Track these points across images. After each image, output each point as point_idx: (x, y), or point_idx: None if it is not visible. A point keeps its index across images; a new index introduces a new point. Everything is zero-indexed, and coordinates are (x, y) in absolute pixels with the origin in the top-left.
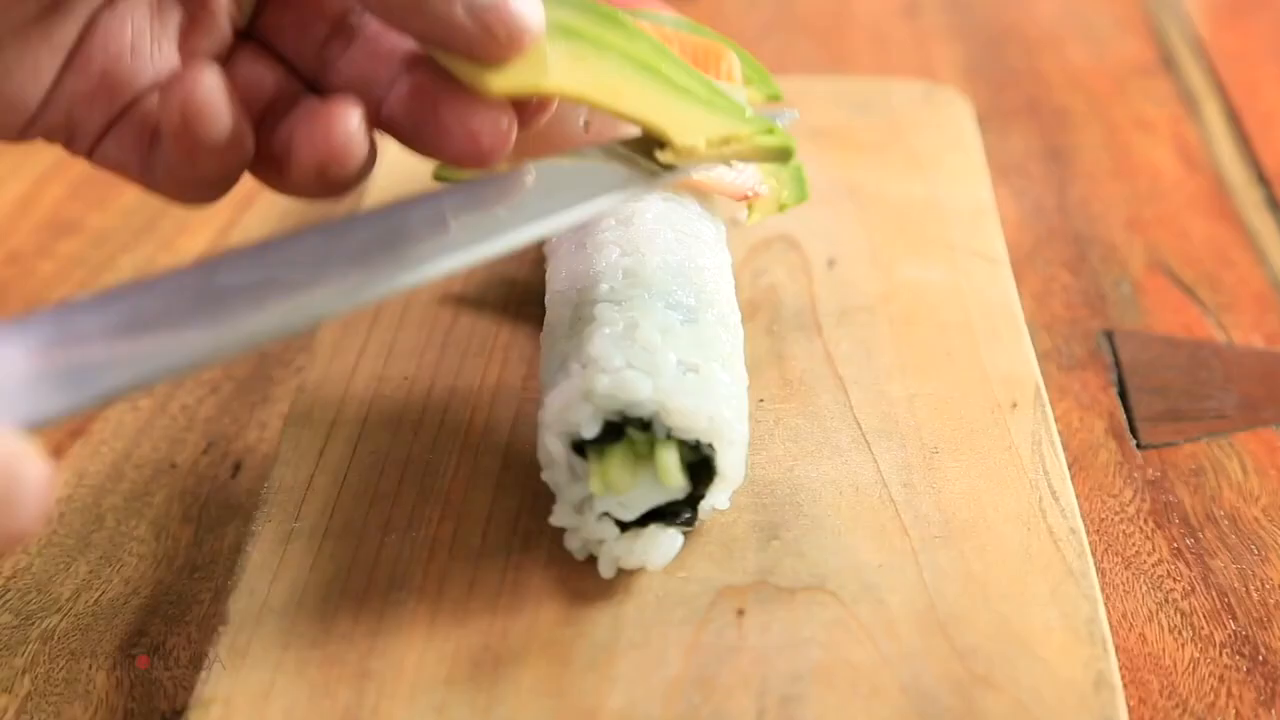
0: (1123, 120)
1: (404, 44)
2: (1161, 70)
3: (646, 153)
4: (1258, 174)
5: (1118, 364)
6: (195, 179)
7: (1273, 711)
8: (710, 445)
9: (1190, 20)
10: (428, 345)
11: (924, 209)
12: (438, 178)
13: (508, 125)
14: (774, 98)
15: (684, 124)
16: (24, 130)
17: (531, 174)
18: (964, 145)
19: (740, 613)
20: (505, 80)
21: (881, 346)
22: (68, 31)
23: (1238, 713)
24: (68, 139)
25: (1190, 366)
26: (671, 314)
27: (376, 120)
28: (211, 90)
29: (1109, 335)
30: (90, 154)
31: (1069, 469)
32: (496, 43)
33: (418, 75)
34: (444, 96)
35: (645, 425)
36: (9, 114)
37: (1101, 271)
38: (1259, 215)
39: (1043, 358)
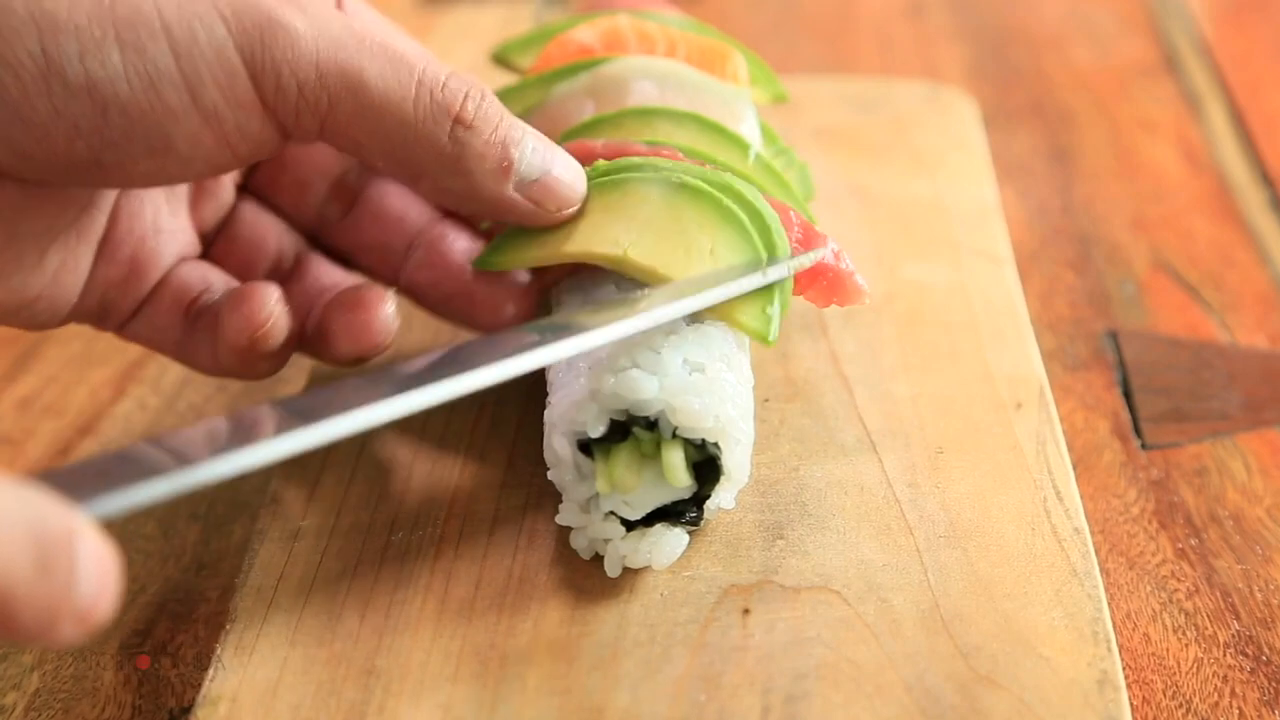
0: (1127, 121)
1: (412, 211)
2: (1165, 71)
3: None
4: (1261, 174)
5: (1122, 364)
6: (245, 375)
7: (1276, 711)
8: (716, 445)
9: (1194, 21)
10: (435, 344)
11: (929, 209)
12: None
13: (533, 291)
14: (779, 98)
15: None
16: (63, 321)
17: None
18: (968, 145)
19: (746, 611)
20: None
21: (886, 346)
22: (97, 223)
23: (1241, 712)
24: (99, 320)
25: (1194, 367)
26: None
27: (395, 285)
28: (275, 313)
29: (1113, 335)
30: (120, 331)
31: (1073, 469)
32: (547, 215)
33: (441, 249)
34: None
35: (651, 425)
36: (52, 311)
37: (1106, 272)
38: (1263, 216)
39: (1047, 358)
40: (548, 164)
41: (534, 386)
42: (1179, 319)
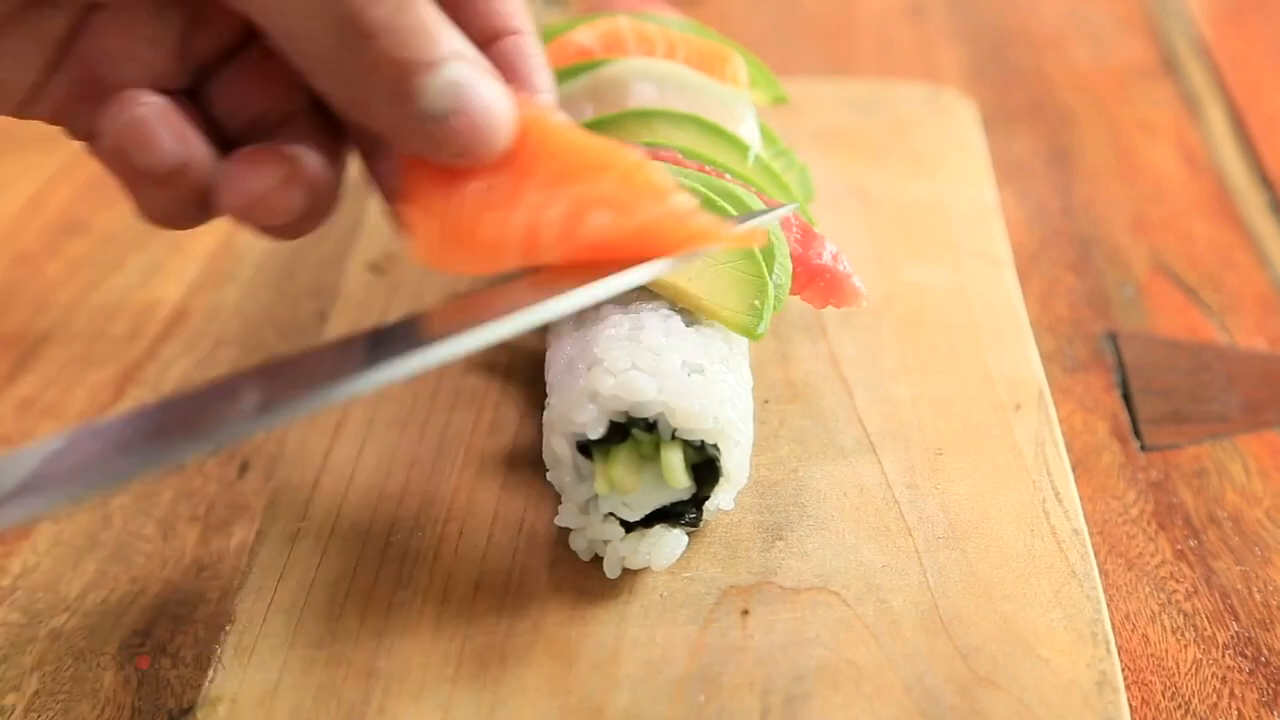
0: (1126, 122)
1: None
2: (1165, 72)
3: None
4: (1261, 176)
5: (1121, 366)
6: (148, 210)
7: (1275, 712)
8: (715, 446)
9: (1193, 22)
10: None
11: (928, 211)
12: None
13: None
14: (779, 100)
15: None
16: (16, 113)
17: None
18: (968, 147)
19: (745, 613)
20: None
21: (886, 348)
22: (54, 28)
23: (1240, 713)
24: (67, 130)
25: (1193, 369)
26: (676, 316)
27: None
28: (140, 116)
29: (1112, 337)
30: (86, 145)
31: (1072, 471)
32: (446, 156)
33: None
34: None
35: (650, 426)
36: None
37: (1105, 273)
38: (1262, 218)
39: (1046, 360)
40: (461, 102)
41: (534, 386)
42: (1178, 321)
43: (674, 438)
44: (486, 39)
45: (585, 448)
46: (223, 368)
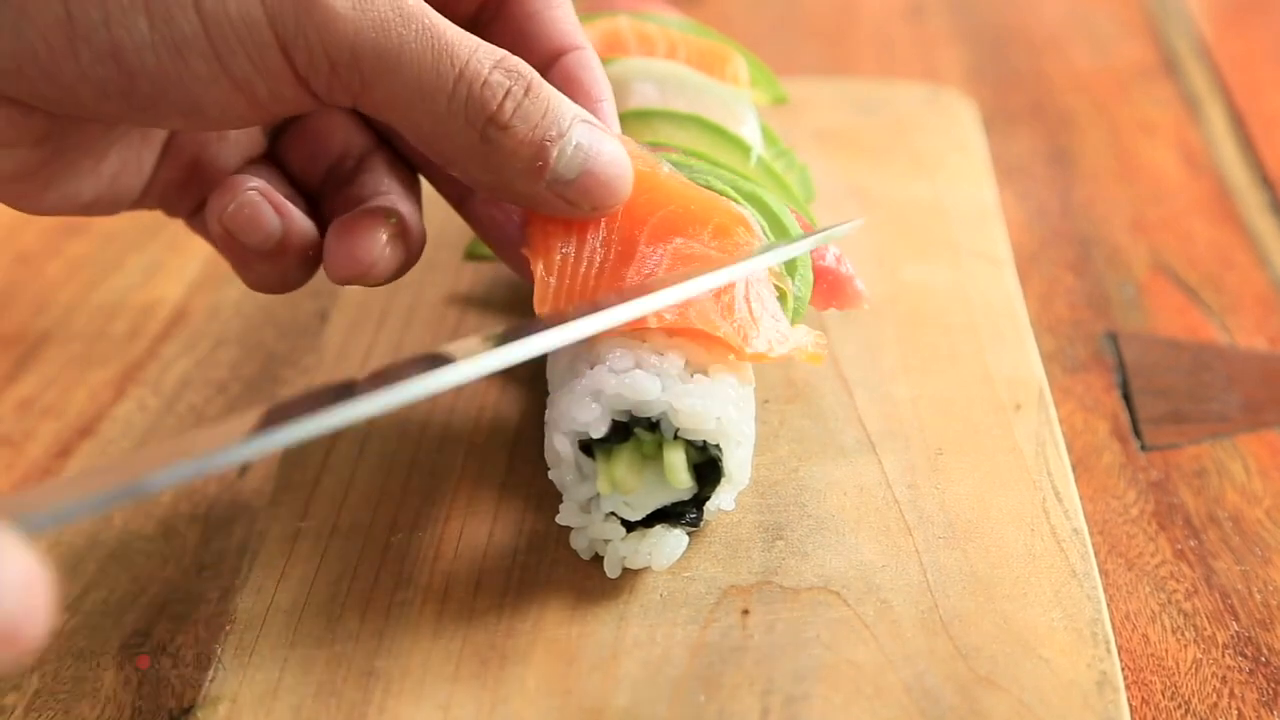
0: (1126, 123)
1: None
2: (1165, 73)
3: None
4: (1261, 176)
5: (1121, 366)
6: (259, 284)
7: (1275, 712)
8: (717, 446)
9: (1193, 23)
10: (435, 345)
11: (928, 211)
12: (469, 256)
13: None
14: (779, 99)
15: None
16: (124, 210)
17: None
18: (968, 147)
19: (745, 612)
20: None
21: (886, 348)
22: (161, 131)
23: (1240, 713)
24: (167, 211)
25: (1193, 369)
26: None
27: (460, 204)
28: (245, 202)
29: (1113, 337)
30: (187, 221)
31: (1072, 470)
32: (581, 214)
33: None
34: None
35: (653, 426)
36: (111, 208)
37: (1105, 274)
38: (1262, 218)
39: (1047, 359)
40: (589, 163)
41: (535, 386)
42: (1178, 321)
43: (676, 437)
44: (551, 57)
45: (587, 447)
46: (223, 368)
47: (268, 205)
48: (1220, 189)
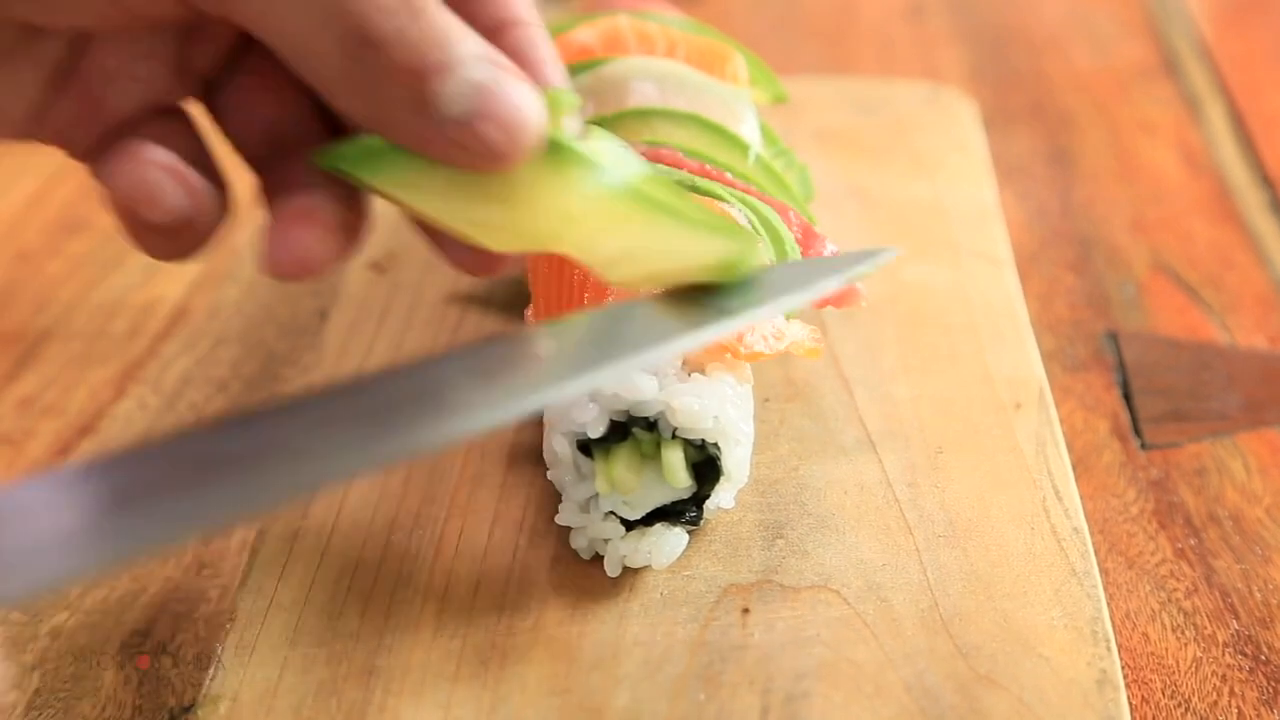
0: (1126, 123)
1: None
2: (1165, 73)
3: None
4: (1261, 176)
5: (1121, 365)
6: (150, 251)
7: (1275, 711)
8: (715, 445)
9: (1194, 23)
10: (434, 344)
11: (928, 210)
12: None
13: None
14: (779, 99)
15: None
16: (17, 138)
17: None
18: (968, 147)
19: (745, 611)
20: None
21: (886, 347)
22: (51, 51)
23: (1240, 712)
24: (68, 151)
25: (1193, 368)
26: None
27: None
28: (154, 179)
29: (1113, 336)
30: (89, 166)
31: (1073, 469)
32: (472, 164)
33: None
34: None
35: (651, 425)
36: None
37: (1105, 273)
38: (1262, 217)
39: (1047, 359)
40: (485, 104)
41: None
42: (1179, 320)
43: (675, 437)
44: (490, 32)
45: (586, 446)
46: (223, 366)
47: (173, 182)
48: (1220, 189)
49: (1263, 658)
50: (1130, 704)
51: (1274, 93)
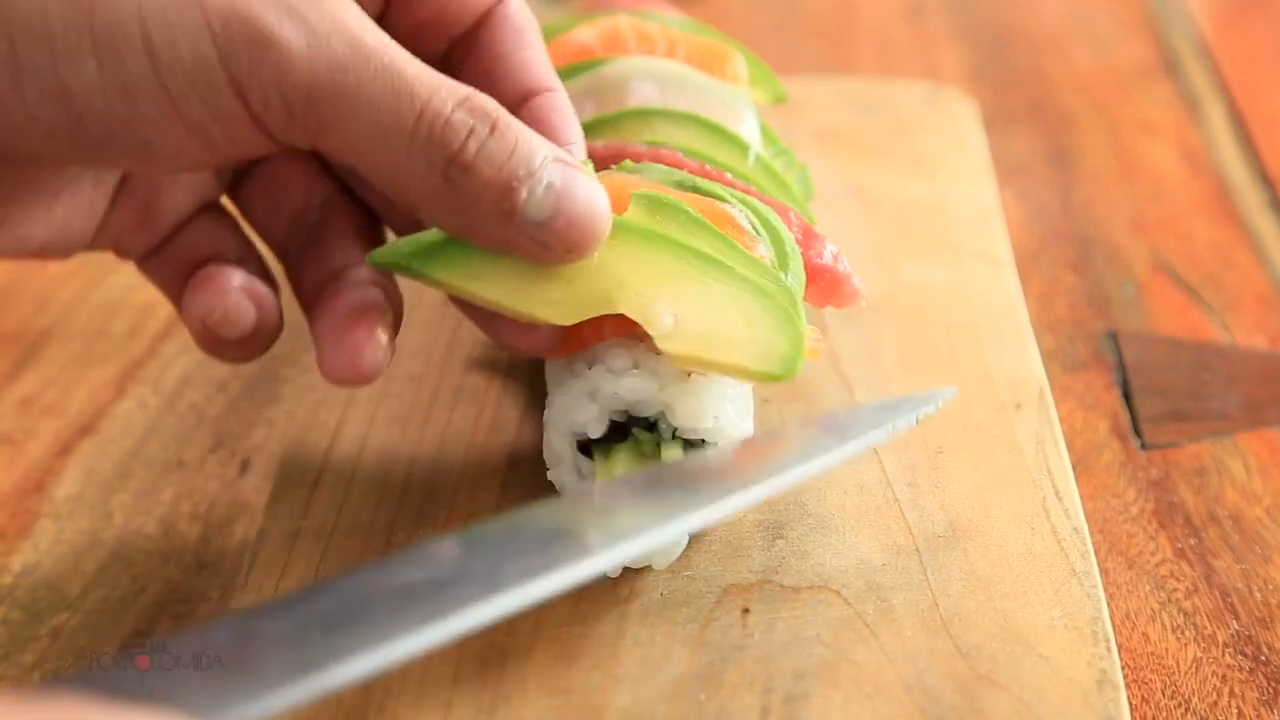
0: (1126, 122)
1: None
2: (1165, 72)
3: None
4: (1261, 175)
5: (1121, 365)
6: (220, 357)
7: (1275, 711)
8: (715, 445)
9: (1194, 22)
10: (434, 344)
11: (928, 210)
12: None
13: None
14: (779, 99)
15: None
16: (81, 250)
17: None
18: (968, 147)
19: (745, 611)
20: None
21: (886, 347)
22: (113, 174)
23: (1240, 712)
24: (120, 255)
25: (1193, 367)
26: None
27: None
28: (230, 305)
29: (1113, 336)
30: (139, 266)
31: (1073, 469)
32: (553, 258)
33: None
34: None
35: (651, 425)
36: (67, 247)
37: (1105, 273)
38: (1262, 217)
39: (1047, 359)
40: (561, 204)
41: (534, 385)
42: (1179, 320)
43: (674, 437)
44: (520, 99)
45: (586, 446)
46: (223, 366)
47: (249, 303)
48: (1220, 188)
49: (1263, 658)
50: (1130, 704)
51: (1274, 93)
